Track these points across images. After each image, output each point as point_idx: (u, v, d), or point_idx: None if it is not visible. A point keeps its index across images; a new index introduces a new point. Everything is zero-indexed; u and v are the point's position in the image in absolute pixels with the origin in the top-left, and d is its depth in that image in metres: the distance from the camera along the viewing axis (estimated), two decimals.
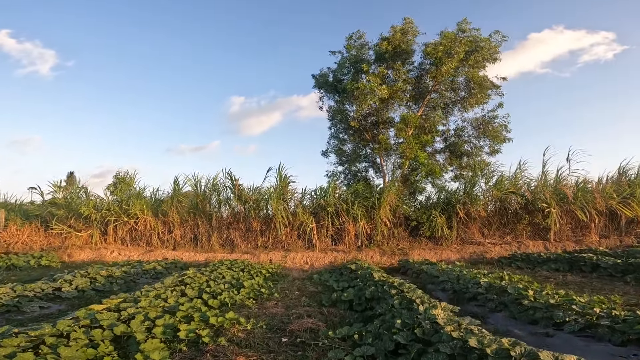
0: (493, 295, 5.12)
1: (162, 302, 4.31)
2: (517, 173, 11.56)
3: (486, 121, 13.68)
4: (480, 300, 5.25)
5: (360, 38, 14.59)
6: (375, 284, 5.83)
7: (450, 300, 5.70)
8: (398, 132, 11.70)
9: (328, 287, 6.61)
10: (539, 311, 4.19)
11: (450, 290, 6.05)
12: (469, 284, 5.73)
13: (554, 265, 8.37)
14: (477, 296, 5.38)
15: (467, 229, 11.40)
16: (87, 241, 11.09)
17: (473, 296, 5.46)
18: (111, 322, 3.35)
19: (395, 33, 12.95)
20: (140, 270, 7.11)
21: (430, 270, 7.44)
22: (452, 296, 5.84)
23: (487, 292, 5.33)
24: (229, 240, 11.16)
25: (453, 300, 5.69)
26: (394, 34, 12.96)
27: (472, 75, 12.75)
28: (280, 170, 11.10)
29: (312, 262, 10.18)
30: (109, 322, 3.34)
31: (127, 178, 12.11)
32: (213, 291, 5.16)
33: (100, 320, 3.36)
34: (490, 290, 5.35)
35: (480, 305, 5.17)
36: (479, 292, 5.39)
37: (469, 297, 5.51)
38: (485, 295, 5.21)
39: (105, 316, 3.49)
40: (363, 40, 14.57)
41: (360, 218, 10.31)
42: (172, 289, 4.95)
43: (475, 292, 5.44)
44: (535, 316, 4.16)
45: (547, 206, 10.60)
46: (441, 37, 12.40)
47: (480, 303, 5.20)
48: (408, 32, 12.98)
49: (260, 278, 6.77)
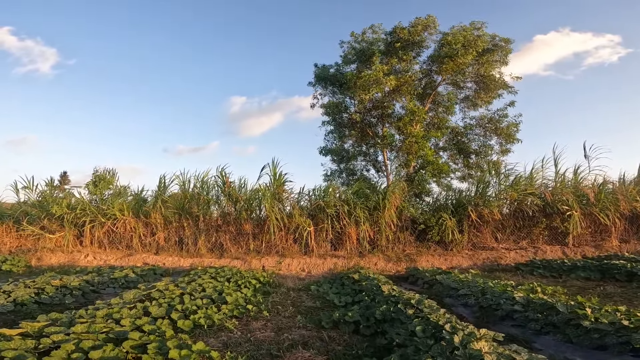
0: (536, 314, 4.14)
1: (112, 324, 3.29)
2: (532, 173, 10.62)
3: (495, 119, 12.80)
4: (518, 320, 4.29)
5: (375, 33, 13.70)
6: (385, 300, 4.81)
7: (477, 319, 4.72)
8: (404, 127, 10.73)
9: (328, 302, 5.59)
10: (609, 335, 3.21)
11: (475, 306, 5.05)
12: (500, 299, 4.74)
13: (582, 273, 7.42)
14: (513, 314, 4.41)
15: (479, 233, 10.43)
16: (61, 244, 10.01)
17: (507, 314, 4.49)
18: (18, 355, 2.32)
19: (417, 25, 12.25)
20: (108, 278, 6.06)
21: (446, 281, 6.44)
22: (479, 313, 4.84)
23: (526, 309, 4.35)
24: (217, 244, 10.11)
25: (480, 318, 4.70)
26: (415, 25, 12.24)
27: (485, 72, 11.91)
28: (274, 166, 10.07)
29: (310, 269, 9.15)
30: (16, 355, 2.32)
31: (108, 176, 11.03)
32: (186, 309, 4.13)
33: (3, 351, 2.34)
34: (529, 307, 4.38)
35: (519, 325, 4.19)
36: (516, 309, 4.41)
37: (501, 315, 4.53)
38: (525, 314, 4.24)
39: (15, 345, 2.46)
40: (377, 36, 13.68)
41: (363, 221, 9.30)
42: (133, 305, 3.92)
43: (510, 310, 4.46)
44: (605, 341, 3.18)
45: (568, 209, 9.65)
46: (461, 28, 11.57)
47: (519, 323, 4.23)
48: (429, 27, 12.20)
49: (248, 290, 5.75)
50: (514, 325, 4.25)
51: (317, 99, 14.76)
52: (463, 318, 4.82)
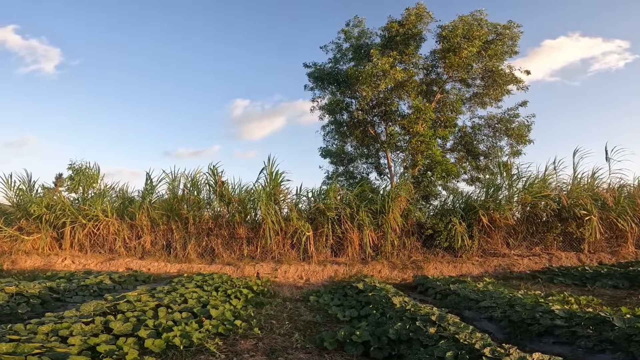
0: (585, 329, 3.44)
1: (55, 342, 2.54)
2: (546, 176, 9.96)
3: (506, 119, 12.16)
4: (561, 336, 3.60)
5: (358, 25, 13.15)
6: (399, 315, 4.08)
7: (508, 335, 4.03)
8: (410, 125, 10.05)
9: (330, 317, 4.85)
10: None
11: (503, 320, 4.33)
12: (535, 313, 4.02)
13: (609, 281, 6.80)
14: (554, 330, 3.71)
15: (489, 238, 9.75)
16: (38, 246, 9.21)
17: (545, 329, 3.80)
18: None
19: (409, 16, 11.51)
20: (78, 285, 5.28)
21: (462, 292, 5.71)
22: (509, 329, 4.13)
23: (570, 324, 3.66)
24: (208, 248, 9.33)
25: (511, 335, 4.00)
26: (407, 16, 11.51)
27: (492, 66, 11.27)
28: (270, 165, 9.34)
29: (308, 277, 8.39)
30: None
31: (87, 170, 10.09)
32: (159, 324, 3.38)
33: None
34: (572, 321, 3.68)
35: (564, 343, 3.49)
36: (557, 324, 3.71)
37: (538, 330, 3.83)
38: (572, 330, 3.53)
39: None
40: (363, 28, 13.14)
41: (367, 225, 8.57)
42: (91, 320, 3.17)
43: (550, 325, 3.76)
44: None
45: (586, 213, 8.99)
46: (459, 19, 10.93)
47: (563, 340, 3.56)
48: (423, 16, 11.53)
49: (239, 301, 5.00)
50: (557, 343, 3.55)
51: (317, 102, 14.13)
52: (490, 334, 4.13)
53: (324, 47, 13.69)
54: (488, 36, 11.26)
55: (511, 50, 11.92)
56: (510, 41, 11.50)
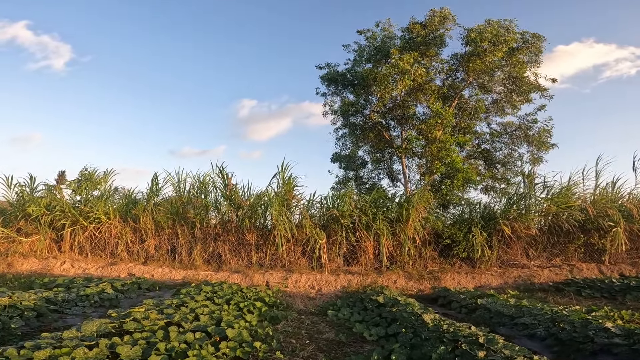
0: None
1: None
2: (570, 185, 9.55)
3: (524, 126, 11.75)
4: (620, 355, 3.23)
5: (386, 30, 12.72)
6: (436, 336, 3.65)
7: (556, 355, 3.64)
8: (428, 130, 9.63)
9: (354, 335, 4.41)
10: None
11: (548, 339, 3.92)
12: (587, 331, 3.61)
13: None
14: (611, 348, 3.31)
15: (508, 249, 9.34)
16: (36, 248, 8.79)
17: (601, 348, 3.40)
18: None
19: (433, 17, 11.16)
20: (77, 295, 4.84)
21: (493, 306, 5.28)
22: (557, 348, 3.72)
23: (629, 342, 3.27)
24: (215, 254, 8.90)
25: (561, 354, 3.61)
26: (431, 18, 11.17)
27: (517, 72, 10.88)
28: (283, 170, 8.92)
29: (320, 287, 7.96)
30: None
31: (96, 177, 9.80)
32: (171, 348, 2.95)
33: None
34: (631, 338, 3.30)
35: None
36: (615, 342, 3.31)
37: (592, 349, 3.42)
38: (634, 347, 3.14)
39: None
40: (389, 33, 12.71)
41: (384, 234, 8.14)
42: (95, 342, 2.74)
43: (607, 343, 3.35)
44: None
45: (613, 224, 8.58)
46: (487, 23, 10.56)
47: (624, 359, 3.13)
48: (447, 20, 11.17)
49: (252, 316, 4.56)
50: None
51: (329, 107, 13.70)
52: (536, 354, 3.72)
53: (346, 47, 13.33)
54: (514, 43, 10.91)
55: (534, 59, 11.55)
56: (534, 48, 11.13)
